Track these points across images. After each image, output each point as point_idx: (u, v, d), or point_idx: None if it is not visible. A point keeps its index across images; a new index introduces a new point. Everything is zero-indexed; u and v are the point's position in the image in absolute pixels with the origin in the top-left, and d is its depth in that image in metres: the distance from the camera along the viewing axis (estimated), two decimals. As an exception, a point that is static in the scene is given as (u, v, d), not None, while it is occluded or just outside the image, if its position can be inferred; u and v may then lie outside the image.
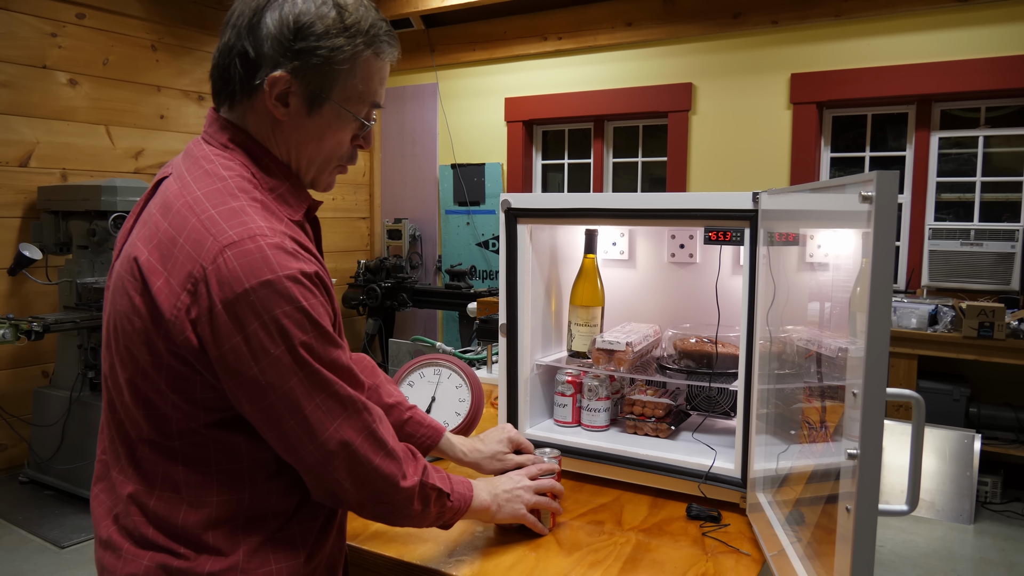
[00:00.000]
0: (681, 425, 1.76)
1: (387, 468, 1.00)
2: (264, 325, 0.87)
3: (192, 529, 0.95)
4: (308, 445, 0.93)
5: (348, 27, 0.97)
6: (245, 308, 0.87)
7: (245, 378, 0.89)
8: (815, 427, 1.15)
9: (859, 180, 0.86)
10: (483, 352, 2.62)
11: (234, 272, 0.87)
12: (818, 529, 1.07)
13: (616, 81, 5.17)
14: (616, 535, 1.38)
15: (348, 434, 0.95)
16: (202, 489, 0.95)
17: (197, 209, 0.91)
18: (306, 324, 0.90)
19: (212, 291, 0.87)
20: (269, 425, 0.93)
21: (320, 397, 0.92)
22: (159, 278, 0.90)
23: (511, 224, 1.66)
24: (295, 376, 0.90)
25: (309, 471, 0.96)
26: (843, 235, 1.05)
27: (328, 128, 1.01)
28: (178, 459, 0.95)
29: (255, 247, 0.88)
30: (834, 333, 1.08)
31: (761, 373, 1.41)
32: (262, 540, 0.97)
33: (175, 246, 0.90)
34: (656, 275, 1.89)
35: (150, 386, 0.93)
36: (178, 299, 0.89)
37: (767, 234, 1.39)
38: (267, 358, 0.88)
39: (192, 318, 0.88)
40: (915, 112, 4.39)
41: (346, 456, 0.96)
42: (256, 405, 0.91)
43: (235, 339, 0.88)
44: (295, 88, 0.97)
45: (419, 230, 6.08)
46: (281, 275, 0.88)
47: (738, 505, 1.48)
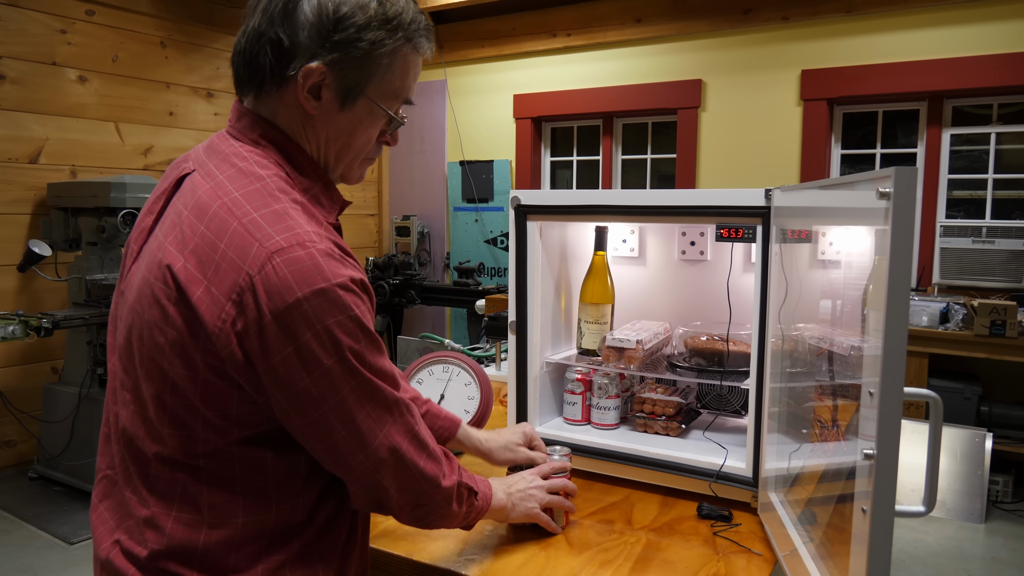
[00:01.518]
0: (692, 423, 1.75)
1: (430, 470, 1.00)
2: (317, 335, 0.84)
3: (213, 551, 0.90)
4: (359, 455, 0.91)
5: (390, 19, 0.93)
6: (297, 318, 0.82)
7: (296, 390, 0.85)
8: (827, 426, 1.14)
9: (876, 176, 0.84)
10: (491, 349, 2.61)
11: (285, 281, 0.82)
12: (831, 529, 1.06)
13: (625, 78, 5.15)
14: (626, 534, 1.38)
15: (396, 439, 0.94)
16: (226, 509, 0.91)
17: (237, 212, 0.86)
18: (358, 332, 0.87)
19: (260, 301, 0.82)
20: (319, 438, 0.89)
21: (370, 405, 0.90)
22: (199, 287, 0.85)
23: (521, 221, 1.65)
24: (347, 386, 0.87)
25: (358, 481, 0.94)
26: (855, 232, 1.04)
27: (360, 123, 0.97)
28: (201, 479, 0.90)
29: (306, 254, 0.83)
30: (846, 331, 1.07)
31: (773, 371, 1.40)
32: (284, 559, 0.94)
33: (216, 252, 0.85)
34: (666, 272, 1.88)
35: (180, 402, 0.88)
36: (223, 310, 0.83)
37: (779, 231, 1.38)
38: (319, 369, 0.85)
39: (238, 330, 0.83)
40: (926, 109, 4.36)
41: (394, 462, 0.95)
42: (307, 417, 0.87)
43: (286, 351, 0.83)
44: (329, 81, 0.92)
45: (427, 227, 6.07)
46: (334, 283, 0.84)
47: (749, 504, 1.47)
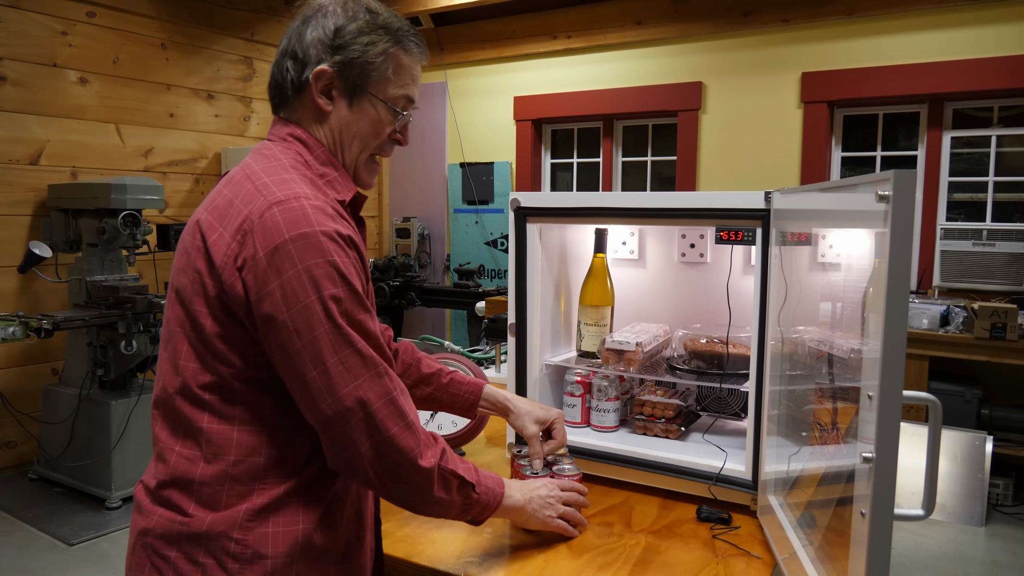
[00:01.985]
0: (691, 426, 1.75)
1: (404, 440, 1.02)
2: (298, 273, 0.96)
3: (208, 485, 1.00)
4: (327, 398, 0.98)
5: (379, 26, 1.11)
6: (282, 256, 0.96)
7: (276, 323, 0.96)
8: (827, 429, 1.13)
9: (875, 179, 0.84)
10: (491, 351, 2.61)
11: (277, 224, 0.97)
12: (830, 532, 1.05)
13: (625, 80, 5.15)
14: (625, 537, 1.37)
15: (367, 394, 0.99)
16: (221, 445, 1.01)
17: (253, 178, 1.04)
18: (336, 279, 0.98)
19: (257, 240, 0.97)
20: (293, 375, 0.98)
21: (344, 352, 0.98)
22: (215, 232, 1.01)
23: (521, 223, 1.65)
24: (321, 327, 0.97)
25: (327, 427, 1.00)
26: (855, 235, 1.04)
27: (366, 118, 1.13)
28: (204, 409, 1.02)
29: (298, 205, 0.98)
30: (846, 334, 1.07)
31: (772, 374, 1.40)
32: (267, 503, 1.01)
33: (231, 206, 1.01)
34: (666, 275, 1.88)
35: (197, 335, 1.02)
36: (228, 247, 0.99)
37: (779, 234, 1.38)
38: (297, 305, 0.96)
39: (239, 265, 0.98)
40: (927, 111, 4.36)
41: (364, 416, 0.99)
42: (284, 352, 0.97)
43: (271, 284, 0.96)
44: (337, 82, 1.10)
45: (428, 229, 6.07)
46: (317, 230, 0.97)
47: (749, 507, 1.47)
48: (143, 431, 3.70)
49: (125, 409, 3.65)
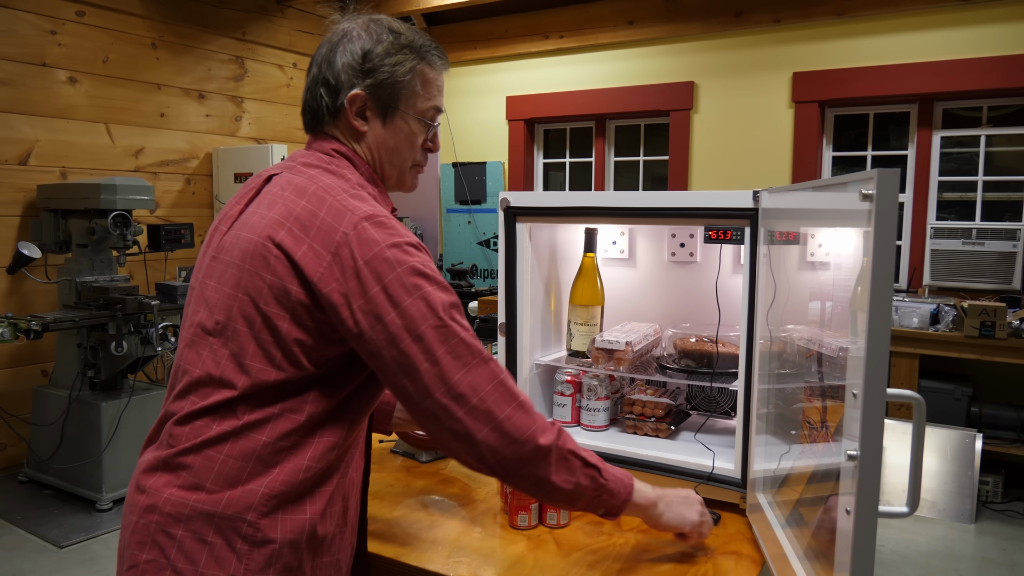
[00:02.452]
0: (681, 425, 1.75)
1: (520, 419, 1.05)
2: (398, 277, 1.02)
3: (231, 457, 1.03)
4: (441, 386, 1.03)
5: (404, 46, 1.17)
6: (382, 263, 1.02)
7: (384, 323, 1.02)
8: (816, 427, 1.14)
9: (859, 178, 0.85)
10: (483, 351, 2.61)
11: (372, 237, 1.03)
12: (819, 530, 1.06)
13: (618, 80, 5.16)
14: (615, 535, 1.38)
15: (478, 380, 1.04)
16: (257, 425, 1.04)
17: (332, 193, 1.08)
18: (430, 279, 1.05)
19: (355, 252, 1.03)
20: (403, 372, 1.03)
21: (452, 343, 1.03)
22: (302, 245, 1.05)
23: (510, 223, 1.66)
24: (426, 322, 1.02)
25: (445, 417, 1.03)
26: (844, 234, 1.05)
27: (400, 134, 1.20)
28: (251, 398, 1.05)
29: (385, 220, 1.06)
30: (835, 332, 1.07)
31: (761, 373, 1.40)
32: (284, 490, 1.04)
33: (316, 219, 1.06)
34: (656, 274, 1.88)
35: (273, 337, 1.05)
36: (322, 260, 1.03)
37: (767, 233, 1.38)
38: (401, 305, 1.02)
39: (337, 276, 1.03)
40: (917, 111, 4.38)
41: (478, 401, 1.03)
42: (394, 349, 1.02)
43: (376, 288, 1.02)
44: (370, 103, 1.17)
45: (420, 229, 6.07)
46: (404, 240, 1.05)
47: (738, 506, 1.47)
48: (134, 432, 3.68)
49: (116, 410, 3.64)
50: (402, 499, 1.53)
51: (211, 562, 1.00)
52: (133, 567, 1.03)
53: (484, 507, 1.49)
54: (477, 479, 1.64)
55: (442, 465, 1.73)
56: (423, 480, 1.63)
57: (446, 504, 1.51)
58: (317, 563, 1.08)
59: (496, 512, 1.47)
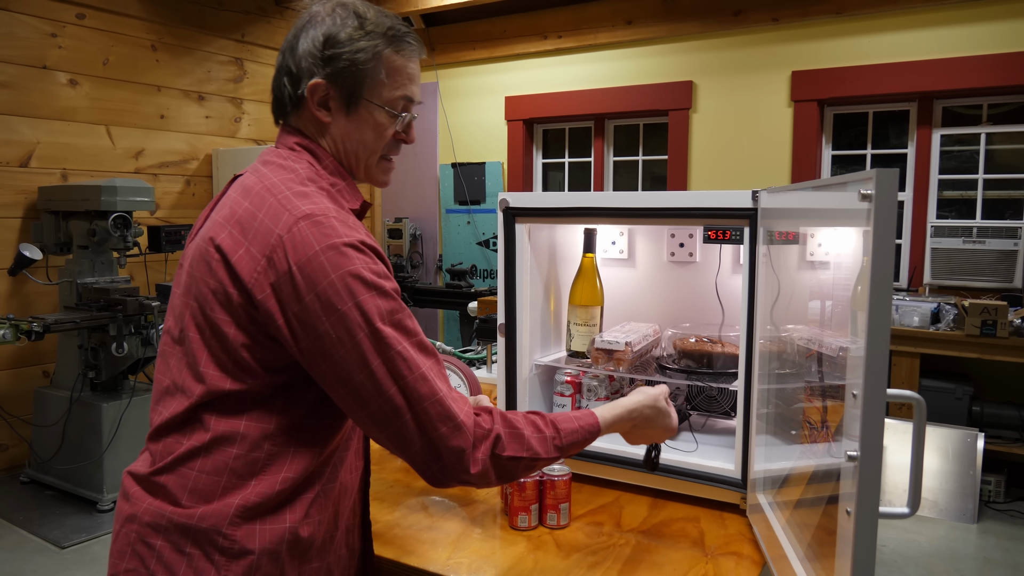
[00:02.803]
0: (681, 425, 1.75)
1: (455, 440, 1.01)
2: (332, 284, 0.97)
3: (203, 473, 1.02)
4: (376, 399, 0.99)
5: (368, 32, 1.11)
6: (316, 268, 0.97)
7: (318, 332, 0.98)
8: (816, 427, 1.14)
9: (859, 178, 0.84)
10: (483, 352, 2.61)
11: (306, 239, 0.98)
12: (819, 531, 1.06)
13: (616, 79, 5.15)
14: (615, 536, 1.37)
15: (414, 395, 1.00)
16: (226, 438, 1.02)
17: (275, 191, 1.04)
18: (369, 284, 0.99)
19: (288, 255, 0.98)
20: (340, 381, 0.99)
21: (388, 354, 0.99)
22: (240, 247, 1.01)
23: (509, 223, 1.65)
24: (362, 331, 0.98)
25: (382, 428, 1.00)
26: (844, 233, 1.04)
27: (366, 124, 1.14)
28: (215, 409, 1.03)
29: (325, 220, 1.00)
30: (835, 332, 1.07)
31: (761, 373, 1.40)
32: (260, 501, 1.02)
33: (255, 221, 1.02)
34: (655, 274, 1.88)
35: (220, 344, 1.03)
36: (257, 263, 1.00)
37: (767, 233, 1.38)
38: (336, 313, 0.97)
39: (272, 281, 0.99)
40: (916, 109, 4.37)
41: (412, 417, 0.99)
42: (328, 360, 0.99)
43: (308, 296, 0.98)
44: (332, 92, 1.11)
45: (420, 229, 6.07)
46: (344, 240, 0.99)
47: (738, 506, 1.47)
48: (135, 433, 3.69)
49: (117, 411, 3.64)
50: (402, 500, 1.53)
51: (190, 572, 0.99)
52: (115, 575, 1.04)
53: (484, 508, 1.49)
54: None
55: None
56: (423, 481, 1.63)
57: (446, 505, 1.51)
58: (305, 569, 1.06)
59: (496, 513, 1.47)
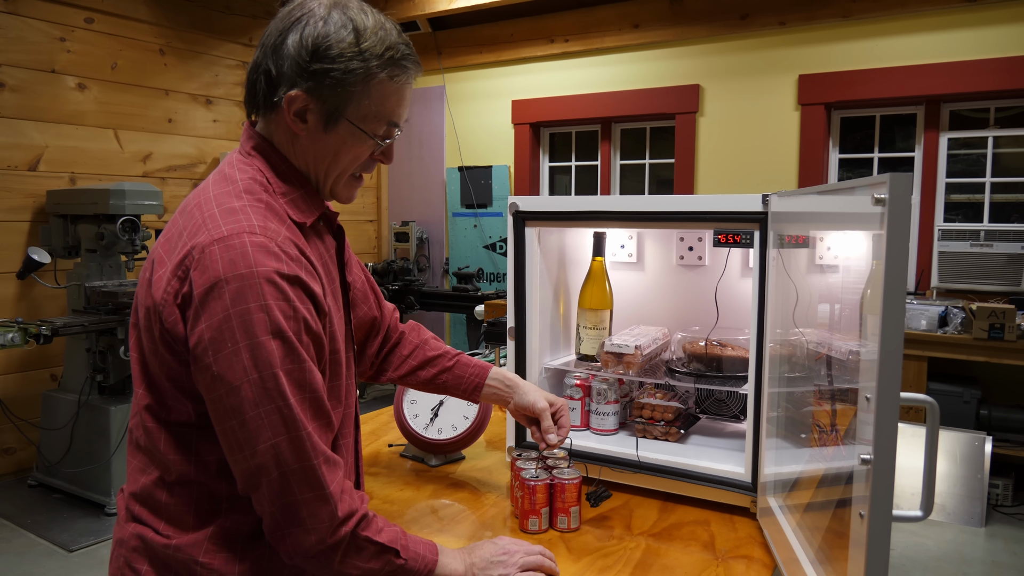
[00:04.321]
0: (691, 429, 1.75)
1: (314, 508, 0.95)
2: (228, 317, 0.90)
3: (171, 505, 1.00)
4: (245, 450, 0.93)
5: (363, 51, 1.00)
6: (215, 297, 0.91)
7: (202, 365, 0.92)
8: (826, 430, 1.14)
9: (872, 182, 0.85)
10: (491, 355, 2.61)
11: (215, 263, 0.91)
12: (830, 534, 1.06)
13: (623, 83, 5.16)
14: (626, 540, 1.38)
15: (285, 455, 0.93)
16: (183, 473, 1.00)
17: (204, 208, 0.98)
18: (269, 325, 0.91)
19: (193, 279, 0.92)
20: (216, 419, 0.95)
21: (266, 407, 0.92)
22: (162, 267, 0.97)
23: (519, 227, 1.66)
24: (246, 377, 0.91)
25: (241, 478, 0.96)
26: (853, 237, 1.04)
27: (343, 144, 1.05)
28: (163, 442, 1.00)
29: (239, 243, 0.92)
30: (844, 335, 1.07)
31: (771, 376, 1.40)
32: (234, 527, 1.00)
33: (180, 239, 0.97)
34: (665, 278, 1.88)
35: (147, 374, 1.00)
36: (168, 283, 0.95)
37: (777, 236, 1.38)
38: (224, 350, 0.91)
39: (179, 303, 0.94)
40: (924, 113, 4.37)
41: (278, 476, 0.93)
42: (208, 395, 0.94)
43: (201, 325, 0.91)
44: (312, 106, 1.02)
45: (426, 233, 6.08)
46: (255, 271, 0.91)
47: (749, 509, 1.47)
48: (143, 436, 3.70)
49: (124, 415, 3.65)
50: (412, 503, 1.54)
51: None
52: None
53: (494, 511, 1.49)
54: (486, 484, 1.64)
55: (451, 469, 1.73)
56: (432, 484, 1.64)
57: (456, 508, 1.51)
58: None
59: (506, 516, 1.47)
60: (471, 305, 5.09)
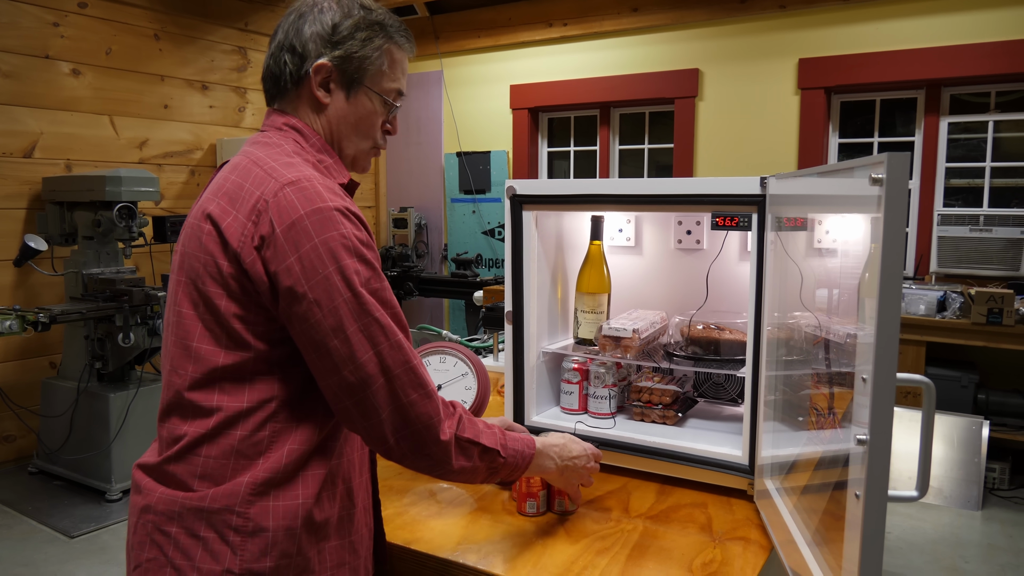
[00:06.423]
0: (688, 412, 1.76)
1: (424, 407, 1.05)
2: (315, 247, 1.00)
3: (210, 458, 1.03)
4: (349, 365, 1.01)
5: (373, 23, 1.17)
6: (299, 231, 1.00)
7: (297, 295, 1.00)
8: (823, 413, 1.14)
9: (869, 162, 0.85)
10: (489, 340, 2.62)
11: (291, 202, 1.02)
12: (827, 516, 1.06)
13: (622, 67, 5.14)
14: (623, 522, 1.38)
15: (388, 361, 1.03)
16: (230, 420, 1.04)
17: (261, 163, 1.08)
18: (352, 250, 1.02)
19: (273, 218, 1.01)
20: (314, 346, 1.02)
21: (364, 321, 1.02)
22: (228, 216, 1.04)
23: (517, 211, 1.66)
24: (341, 296, 1.01)
25: (349, 395, 1.02)
26: (852, 220, 1.04)
27: (363, 110, 1.19)
28: (216, 388, 1.05)
29: (309, 185, 1.04)
30: (842, 319, 1.07)
31: (769, 360, 1.40)
32: (269, 477, 1.03)
33: (242, 190, 1.06)
34: (663, 261, 1.88)
35: (213, 316, 1.05)
36: (244, 228, 1.03)
37: (775, 219, 1.38)
38: (316, 276, 1.00)
39: (256, 244, 1.02)
40: (924, 97, 4.35)
41: (385, 382, 1.02)
42: (304, 324, 1.01)
43: (290, 259, 1.00)
44: (335, 76, 1.16)
45: (425, 219, 6.07)
46: (330, 205, 1.03)
47: (746, 492, 1.48)
48: (142, 423, 3.71)
49: (124, 401, 3.66)
50: (411, 486, 1.54)
51: (206, 556, 1.01)
52: (138, 567, 1.05)
53: (493, 495, 1.50)
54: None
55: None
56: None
57: (454, 491, 1.52)
58: (324, 547, 1.07)
59: (504, 499, 1.48)
60: (470, 291, 5.09)
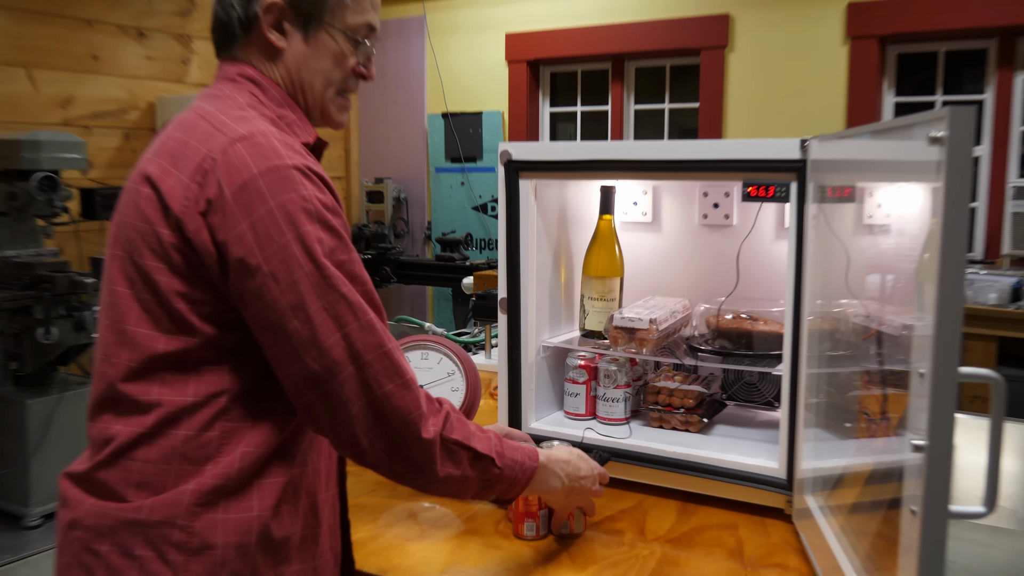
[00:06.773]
0: (715, 417, 1.77)
1: (402, 400, 1.03)
2: (270, 211, 0.99)
3: (149, 462, 1.02)
4: (311, 350, 1.00)
5: None
6: (252, 193, 0.99)
7: (250, 267, 0.99)
8: (875, 419, 1.15)
9: (928, 118, 0.85)
10: (481, 334, 2.62)
11: (243, 160, 1.00)
12: (879, 539, 1.07)
13: (639, 13, 5.13)
14: (638, 546, 1.39)
15: (358, 346, 1.01)
16: (172, 417, 1.03)
17: (209, 117, 1.07)
18: (315, 215, 1.01)
19: (221, 178, 1.00)
20: (270, 327, 1.01)
21: (329, 297, 1.00)
22: (169, 177, 1.03)
23: (512, 179, 1.66)
24: (301, 269, 0.99)
25: (313, 386, 1.01)
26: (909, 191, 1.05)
27: (325, 52, 1.18)
28: (156, 379, 1.04)
29: (265, 140, 1.03)
30: (898, 308, 1.08)
31: (810, 355, 1.41)
32: (219, 484, 1.02)
33: (186, 148, 1.04)
34: (685, 240, 1.89)
35: (153, 295, 1.04)
36: (187, 190, 1.01)
37: (817, 189, 1.38)
38: (273, 245, 0.99)
39: (202, 210, 1.01)
40: (997, 47, 4.35)
41: (355, 371, 1.01)
42: (259, 302, 1.00)
43: (241, 225, 0.99)
44: (288, 14, 1.15)
45: (404, 192, 6.07)
46: (288, 163, 1.01)
47: (783, 511, 1.49)
48: (67, 434, 3.70)
49: (44, 409, 3.65)
50: (387, 505, 1.55)
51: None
52: None
53: (484, 514, 1.51)
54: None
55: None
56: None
57: (438, 511, 1.53)
58: (284, 571, 1.07)
59: (498, 519, 1.49)
60: (458, 277, 5.07)
